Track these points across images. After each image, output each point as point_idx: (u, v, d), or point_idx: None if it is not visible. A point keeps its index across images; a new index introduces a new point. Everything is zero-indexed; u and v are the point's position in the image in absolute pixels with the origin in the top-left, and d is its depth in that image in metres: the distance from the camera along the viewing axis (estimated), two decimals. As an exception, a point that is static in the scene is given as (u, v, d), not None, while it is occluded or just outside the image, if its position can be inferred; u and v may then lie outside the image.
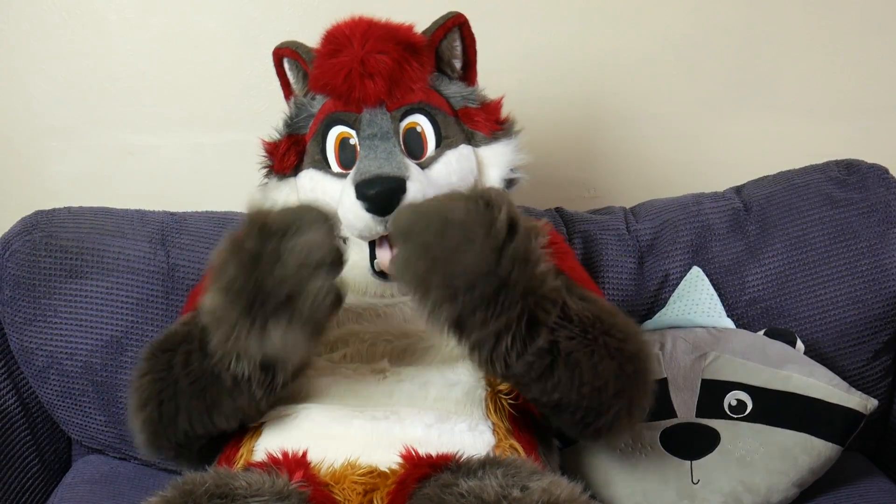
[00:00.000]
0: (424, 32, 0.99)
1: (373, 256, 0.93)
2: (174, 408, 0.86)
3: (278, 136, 1.03)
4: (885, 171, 1.19)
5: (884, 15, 1.41)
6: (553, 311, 0.81)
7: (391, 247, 0.92)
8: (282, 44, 1.05)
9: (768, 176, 1.24)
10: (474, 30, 1.02)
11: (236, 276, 0.79)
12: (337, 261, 0.80)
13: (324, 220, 0.80)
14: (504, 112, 1.03)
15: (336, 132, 0.97)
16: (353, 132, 0.96)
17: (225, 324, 0.80)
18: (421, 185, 0.90)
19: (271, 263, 0.78)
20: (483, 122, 1.00)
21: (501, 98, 1.03)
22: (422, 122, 0.96)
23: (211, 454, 0.93)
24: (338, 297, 0.80)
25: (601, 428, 0.87)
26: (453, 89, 1.01)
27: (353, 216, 0.90)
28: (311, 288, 0.78)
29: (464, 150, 0.98)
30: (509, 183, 1.01)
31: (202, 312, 0.83)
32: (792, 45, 1.42)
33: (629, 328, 0.88)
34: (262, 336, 0.79)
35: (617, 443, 0.96)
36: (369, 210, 0.88)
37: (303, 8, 1.38)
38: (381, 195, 0.87)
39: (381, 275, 0.93)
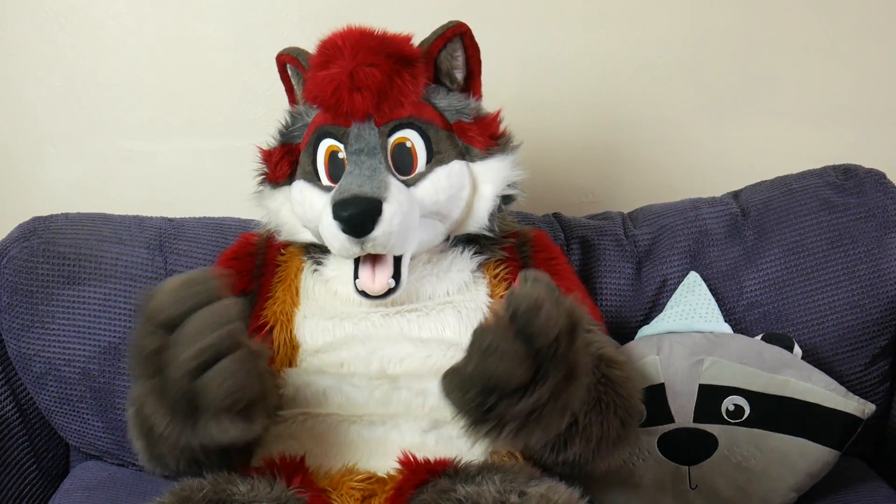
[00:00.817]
0: (423, 42, 0.97)
1: (356, 276, 0.92)
2: (160, 452, 0.83)
3: (275, 144, 1.03)
4: (883, 175, 1.19)
5: (882, 20, 1.41)
6: (583, 399, 0.82)
7: (373, 266, 0.92)
8: (283, 50, 1.04)
9: (766, 181, 1.24)
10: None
11: (146, 387, 0.76)
12: (229, 342, 0.73)
13: (207, 296, 0.73)
14: (502, 124, 1.00)
15: (325, 145, 0.96)
16: (341, 146, 0.95)
17: (160, 429, 0.77)
18: (399, 206, 0.88)
19: (168, 362, 0.73)
20: (476, 137, 0.97)
21: (498, 112, 1.01)
22: (412, 138, 0.94)
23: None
24: (237, 381, 0.73)
25: (586, 469, 0.89)
26: (448, 102, 0.98)
27: (330, 235, 0.89)
28: (205, 380, 0.72)
29: (455, 165, 0.95)
30: (505, 199, 0.99)
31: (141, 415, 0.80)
32: (789, 50, 1.42)
33: (631, 379, 0.90)
34: (195, 432, 0.76)
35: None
36: (345, 231, 0.87)
37: (301, 14, 1.39)
38: (353, 218, 0.86)
39: (364, 294, 0.92)
